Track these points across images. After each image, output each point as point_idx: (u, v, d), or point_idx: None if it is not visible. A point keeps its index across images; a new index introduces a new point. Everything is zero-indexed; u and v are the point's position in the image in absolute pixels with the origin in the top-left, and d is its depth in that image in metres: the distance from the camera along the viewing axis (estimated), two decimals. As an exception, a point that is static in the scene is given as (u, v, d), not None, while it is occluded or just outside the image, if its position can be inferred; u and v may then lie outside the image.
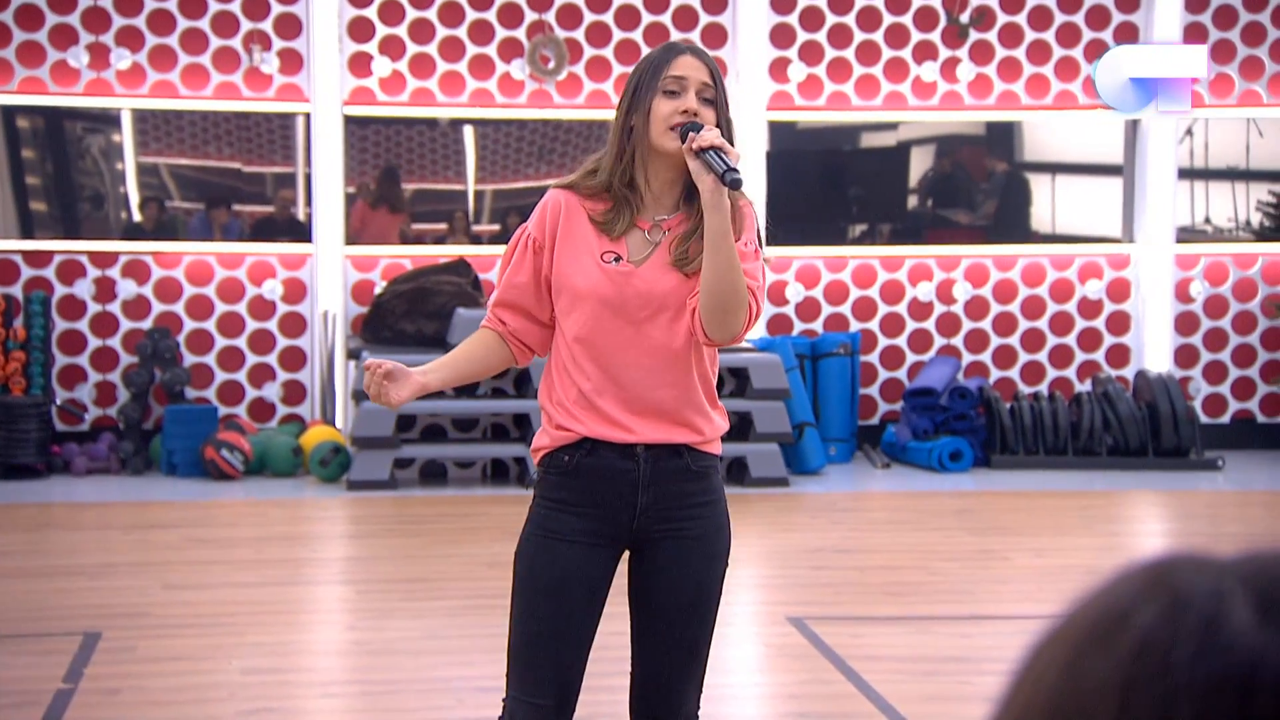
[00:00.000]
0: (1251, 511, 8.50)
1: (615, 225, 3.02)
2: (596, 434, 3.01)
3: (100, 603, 6.09)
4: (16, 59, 9.20)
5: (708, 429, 3.05)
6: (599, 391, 3.00)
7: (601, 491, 3.02)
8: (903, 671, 5.30)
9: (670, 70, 3.01)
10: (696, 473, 3.05)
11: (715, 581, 3.11)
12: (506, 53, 9.60)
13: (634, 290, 2.99)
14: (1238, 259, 10.23)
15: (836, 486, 8.84)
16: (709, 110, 2.99)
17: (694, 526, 3.05)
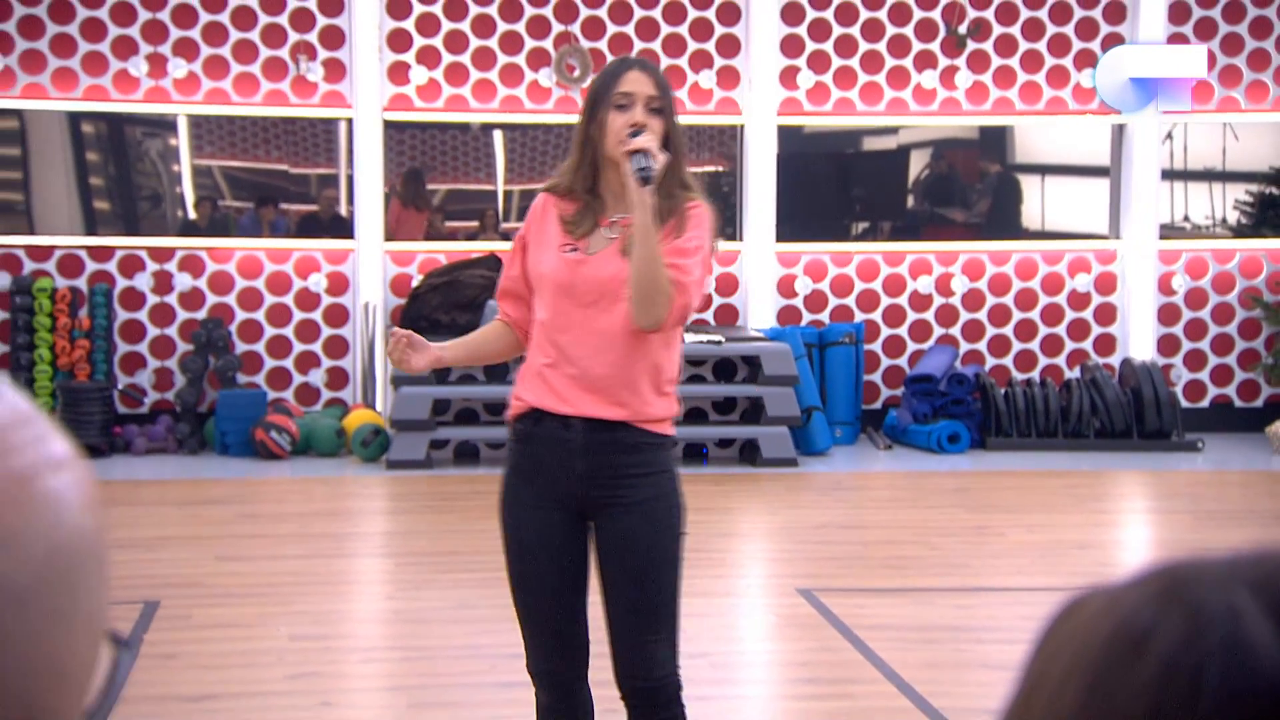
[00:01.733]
0: (1228, 490, 8.46)
1: (580, 226, 3.11)
2: (541, 404, 3.09)
3: (158, 573, 6.11)
4: (81, 68, 9.20)
5: (646, 410, 3.07)
6: (552, 367, 3.09)
7: (544, 458, 3.10)
8: (904, 640, 5.27)
9: (619, 86, 3.08)
10: (632, 446, 3.07)
11: (662, 547, 3.09)
12: (534, 62, 9.58)
13: (583, 276, 3.07)
14: (1217, 254, 10.20)
15: (842, 467, 8.81)
16: (656, 119, 3.07)
17: (632, 494, 3.06)
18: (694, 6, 9.67)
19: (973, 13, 9.87)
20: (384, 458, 8.59)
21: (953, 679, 4.86)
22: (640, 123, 3.04)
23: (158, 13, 9.24)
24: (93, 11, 9.19)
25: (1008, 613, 5.72)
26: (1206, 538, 7.12)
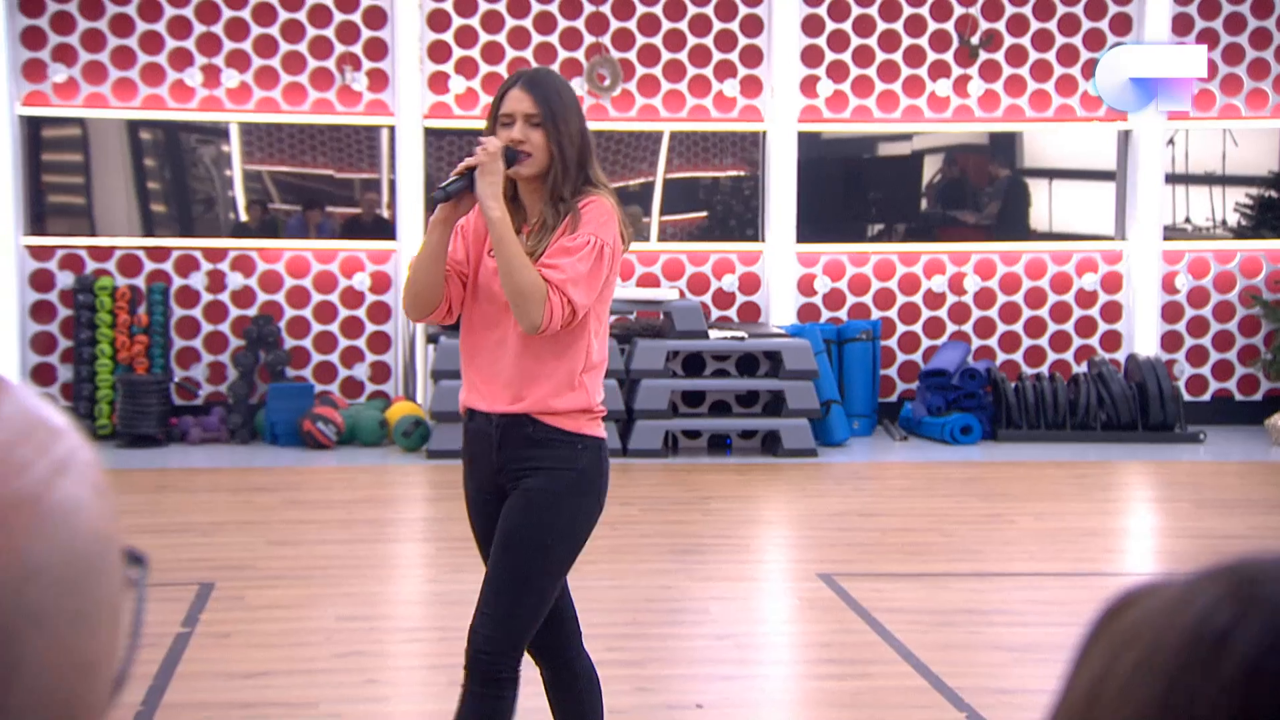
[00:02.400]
0: (1228, 480, 8.40)
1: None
2: (470, 403, 3.14)
3: (212, 556, 6.13)
4: (140, 79, 9.24)
5: (553, 403, 3.07)
6: (474, 367, 3.13)
7: (476, 451, 3.14)
8: (920, 622, 5.25)
9: (502, 108, 3.11)
10: (538, 440, 3.07)
11: (530, 533, 3.05)
12: (567, 72, 9.56)
13: (496, 281, 3.07)
14: (1218, 254, 10.14)
15: (859, 457, 8.79)
16: (536, 132, 3.07)
17: (530, 482, 3.06)
18: (719, 18, 9.66)
19: (985, 24, 9.83)
20: (424, 448, 8.59)
21: (967, 660, 4.85)
22: (517, 139, 3.04)
23: (212, 26, 9.27)
24: (151, 25, 9.23)
25: (1019, 596, 5.70)
26: (1207, 525, 7.09)
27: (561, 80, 3.23)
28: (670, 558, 6.20)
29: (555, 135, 3.08)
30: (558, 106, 3.11)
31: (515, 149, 3.06)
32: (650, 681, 4.59)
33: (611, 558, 6.15)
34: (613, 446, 8.47)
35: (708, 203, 9.93)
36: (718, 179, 9.92)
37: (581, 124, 3.16)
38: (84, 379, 9.07)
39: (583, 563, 6.07)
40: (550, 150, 3.08)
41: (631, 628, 5.15)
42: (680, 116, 9.66)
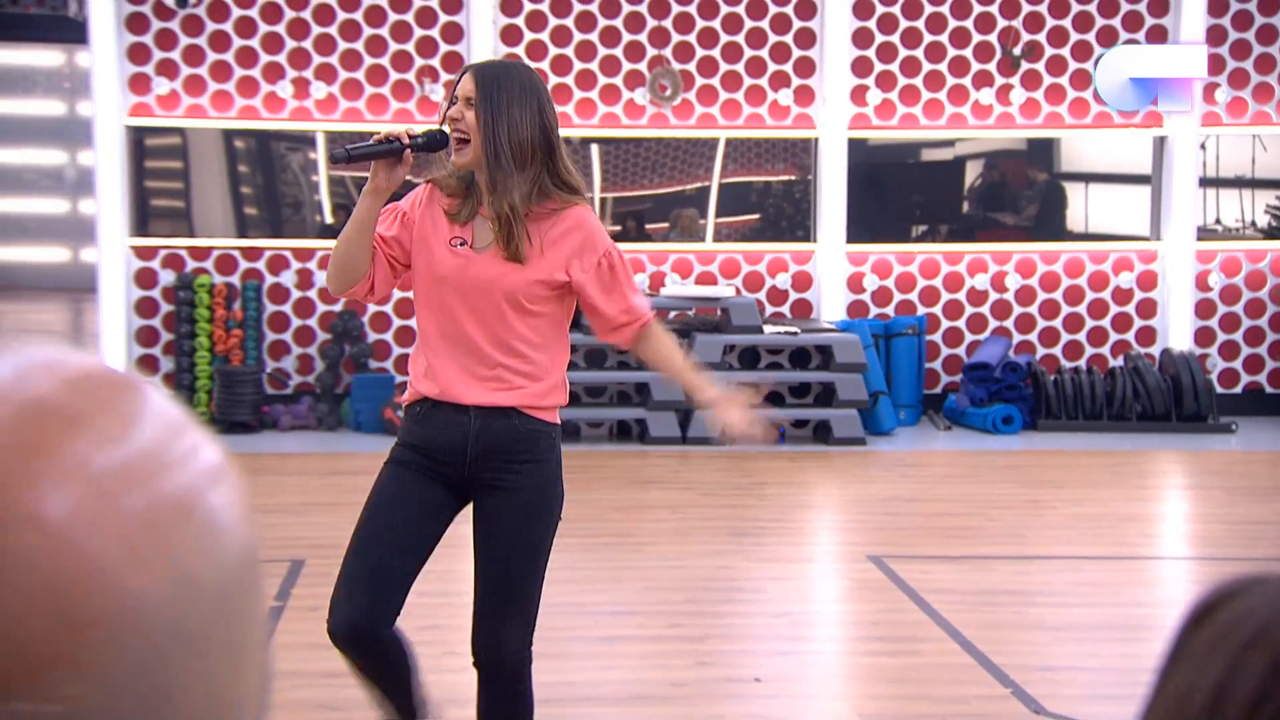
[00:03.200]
0: (1259, 469, 8.26)
1: (461, 214, 2.98)
2: (434, 395, 2.95)
3: (302, 535, 6.15)
4: (236, 91, 9.29)
5: (534, 397, 2.95)
6: (438, 356, 2.95)
7: (440, 439, 2.95)
8: (966, 602, 5.19)
9: (455, 91, 2.99)
10: (524, 434, 2.94)
11: (532, 532, 2.97)
12: (631, 82, 9.55)
13: (472, 273, 2.93)
14: (1249, 254, 9.99)
15: (905, 446, 8.71)
16: (470, 111, 2.92)
17: (516, 480, 2.94)
18: (774, 32, 9.59)
19: (1026, 36, 9.72)
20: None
21: (1011, 638, 4.78)
22: (456, 115, 2.93)
23: (302, 41, 9.31)
24: (246, 41, 9.29)
25: (1060, 578, 5.63)
26: (1239, 512, 6.97)
27: (521, 70, 3.01)
28: (728, 539, 6.17)
29: (488, 121, 2.88)
30: (497, 92, 2.91)
31: (439, 132, 2.94)
32: (710, 656, 4.56)
33: (673, 539, 6.13)
34: (671, 434, 8.51)
35: (760, 205, 9.86)
36: (769, 183, 9.85)
37: (539, 117, 2.93)
38: (184, 370, 9.15)
39: (646, 544, 6.09)
40: (486, 137, 2.90)
41: (692, 605, 5.12)
42: (737, 124, 9.60)
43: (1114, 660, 4.62)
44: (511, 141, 2.89)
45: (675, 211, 9.71)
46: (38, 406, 0.48)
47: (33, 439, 0.47)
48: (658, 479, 7.57)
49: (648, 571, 5.59)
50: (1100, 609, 5.21)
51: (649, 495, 7.12)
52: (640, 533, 6.26)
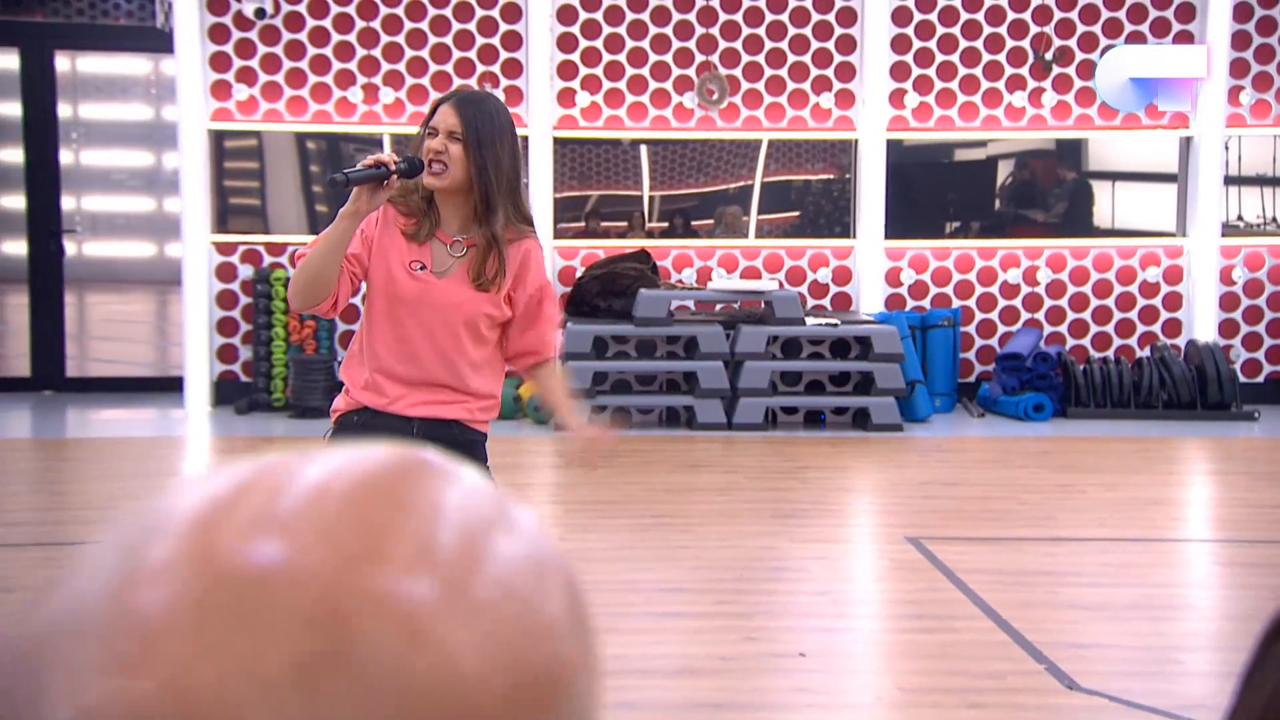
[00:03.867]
0: (1278, 452, 8.14)
1: (419, 234, 2.91)
2: (379, 406, 2.89)
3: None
4: (310, 96, 9.33)
5: (475, 410, 2.92)
6: (386, 371, 2.88)
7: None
8: (1001, 582, 5.13)
9: (431, 120, 2.91)
10: (462, 443, 2.90)
11: None
12: (680, 87, 9.50)
13: (433, 298, 2.87)
14: (1272, 249, 9.83)
15: (941, 432, 8.63)
16: (456, 145, 2.87)
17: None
18: (816, 38, 9.51)
19: (1058, 41, 9.60)
20: (553, 421, 8.59)
21: (1044, 617, 4.72)
22: (438, 149, 2.87)
23: (371, 50, 9.33)
24: (319, 49, 9.31)
25: (1090, 560, 5.55)
26: (1262, 497, 6.86)
27: (497, 106, 2.96)
28: (772, 521, 6.13)
29: (478, 156, 2.86)
30: (485, 130, 2.88)
31: (418, 159, 2.87)
32: (757, 632, 4.52)
33: (720, 521, 6.10)
34: (717, 420, 8.47)
35: (800, 203, 9.78)
36: (809, 181, 9.78)
37: (513, 154, 2.91)
38: (261, 358, 9.20)
39: (695, 524, 6.05)
40: (469, 168, 2.86)
41: (739, 584, 5.09)
42: (780, 126, 9.54)
43: (1143, 638, 4.55)
44: (497, 175, 2.88)
45: (720, 209, 9.66)
46: (371, 486, 0.43)
47: (375, 519, 0.42)
48: (705, 463, 7.54)
49: (697, 551, 5.56)
50: (1129, 589, 5.13)
51: (697, 478, 7.09)
52: (689, 514, 6.23)
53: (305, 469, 0.43)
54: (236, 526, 0.40)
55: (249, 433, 8.45)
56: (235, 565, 0.39)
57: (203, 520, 0.40)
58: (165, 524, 0.41)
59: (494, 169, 2.86)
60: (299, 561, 0.39)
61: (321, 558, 0.40)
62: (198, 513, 0.41)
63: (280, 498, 0.41)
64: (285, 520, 0.40)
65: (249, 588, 0.39)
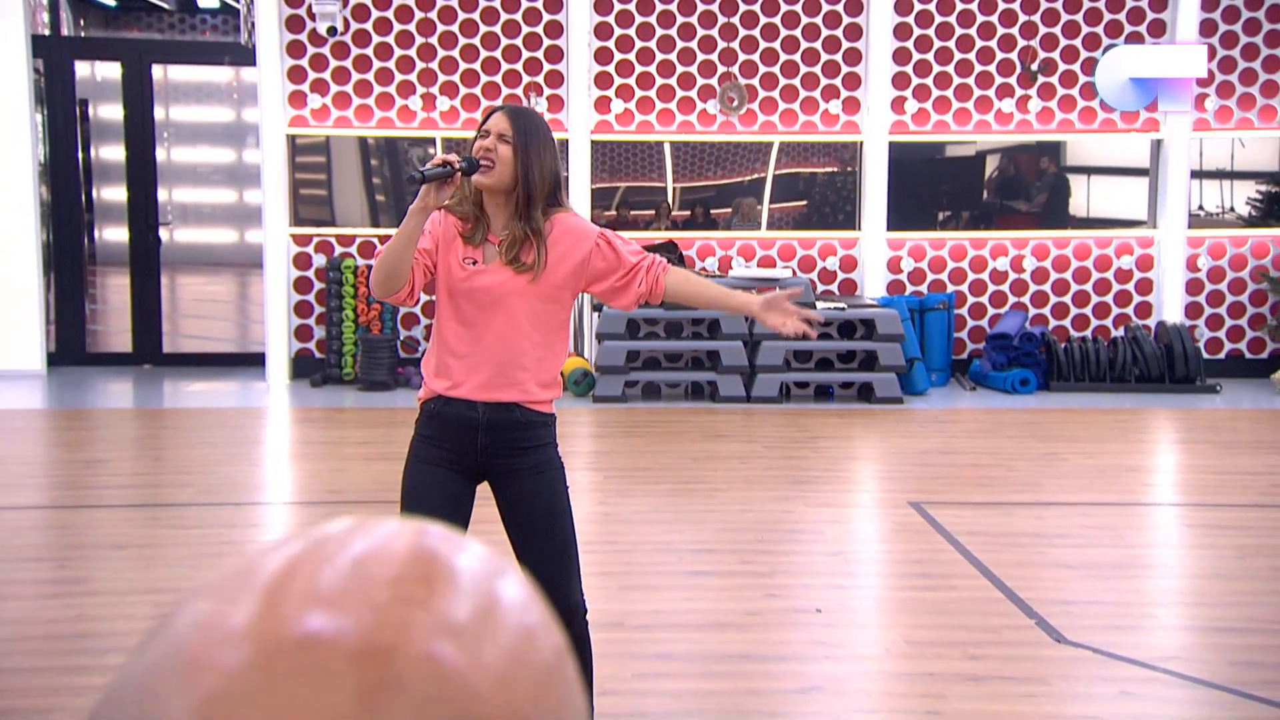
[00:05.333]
0: (1240, 424, 8.05)
1: (474, 237, 2.87)
2: (447, 391, 2.85)
3: (432, 480, 6.15)
4: (375, 105, 9.29)
5: (535, 392, 2.86)
6: (453, 358, 2.85)
7: (453, 431, 2.85)
8: (995, 543, 5.08)
9: (484, 124, 2.87)
10: (524, 424, 2.84)
11: (560, 503, 2.88)
12: (704, 95, 9.41)
13: (479, 284, 2.83)
14: (1233, 240, 9.70)
15: (937, 404, 8.56)
16: (505, 148, 2.83)
17: (526, 461, 2.85)
18: (825, 51, 9.40)
19: (1043, 54, 9.46)
20: (591, 394, 8.57)
21: (1033, 575, 4.67)
22: (489, 146, 2.82)
23: (429, 63, 9.28)
24: (384, 63, 9.27)
25: (1075, 522, 5.49)
26: (1225, 463, 6.78)
27: (542, 120, 2.93)
28: (789, 487, 6.08)
29: (524, 158, 2.82)
30: (532, 138, 2.84)
31: (475, 159, 2.82)
32: (777, 589, 4.49)
33: (741, 487, 6.06)
34: (737, 394, 8.42)
35: (807, 193, 9.69)
36: (815, 173, 9.68)
37: (555, 163, 2.88)
38: (333, 337, 9.20)
39: (719, 490, 6.02)
40: (515, 169, 2.82)
41: (760, 545, 5.06)
42: (794, 130, 9.44)
43: (1123, 595, 4.50)
44: (541, 178, 2.85)
45: (736, 199, 9.59)
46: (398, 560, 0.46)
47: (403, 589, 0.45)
48: (727, 433, 7.49)
49: (722, 515, 5.53)
50: (1108, 549, 5.08)
51: (720, 447, 7.06)
52: (714, 480, 6.19)
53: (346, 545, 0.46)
54: (293, 599, 0.43)
55: (323, 404, 8.46)
56: (293, 632, 0.42)
57: (267, 593, 0.44)
58: (237, 594, 0.44)
59: (537, 171, 2.83)
60: (344, 627, 0.42)
61: (362, 622, 0.43)
62: (263, 586, 0.44)
63: (326, 572, 0.45)
64: (331, 593, 0.44)
65: (305, 650, 0.42)
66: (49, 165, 9.76)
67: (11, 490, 5.91)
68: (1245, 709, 3.53)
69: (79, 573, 4.64)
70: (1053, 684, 3.67)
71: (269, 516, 5.62)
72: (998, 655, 3.88)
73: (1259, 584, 4.63)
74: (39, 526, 5.35)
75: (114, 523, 5.34)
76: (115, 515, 5.48)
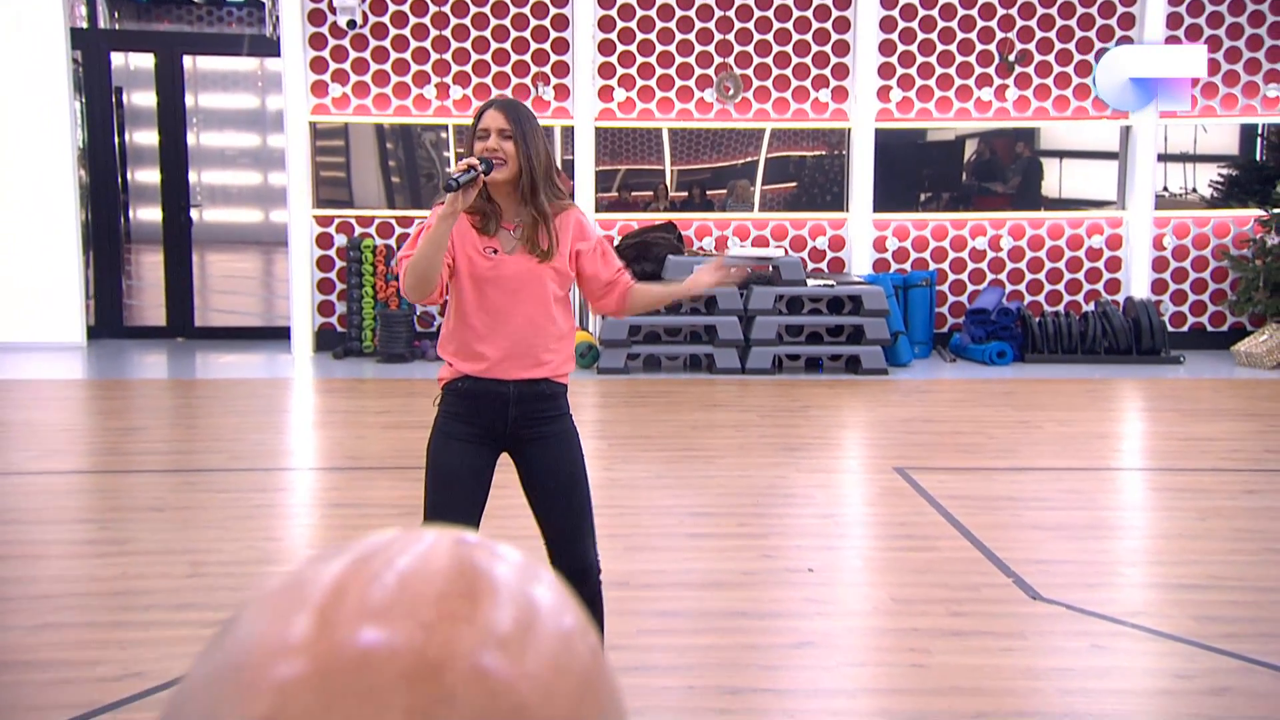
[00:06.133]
0: (1202, 393, 8.03)
1: (488, 227, 2.86)
2: (478, 373, 2.84)
3: (448, 447, 6.14)
4: (392, 94, 9.23)
5: (558, 367, 2.88)
6: (482, 342, 2.83)
7: (484, 408, 2.84)
8: (974, 506, 5.08)
9: (480, 124, 2.83)
10: (549, 395, 2.87)
11: (580, 467, 2.89)
12: (701, 84, 9.35)
13: (505, 272, 2.83)
14: (1196, 220, 9.65)
15: (920, 375, 8.55)
16: (509, 143, 2.81)
17: (549, 429, 2.86)
18: (815, 44, 9.34)
19: (1019, 45, 9.39)
20: (595, 366, 8.55)
21: (1010, 537, 4.67)
22: (493, 147, 2.80)
23: (443, 54, 9.21)
24: (400, 54, 9.20)
25: (1049, 486, 5.49)
26: (1188, 430, 6.78)
27: (529, 109, 2.93)
28: (782, 453, 6.07)
29: (525, 149, 2.82)
30: (526, 127, 2.84)
31: (490, 158, 2.80)
32: (772, 550, 4.50)
33: (738, 453, 6.06)
34: (733, 366, 8.41)
35: (797, 176, 9.65)
36: (805, 158, 9.63)
37: (545, 144, 2.88)
38: (354, 312, 9.18)
39: (716, 457, 6.01)
40: (519, 160, 2.83)
41: (756, 508, 5.06)
42: (786, 118, 9.39)
43: (1093, 555, 4.51)
44: (538, 161, 2.86)
45: (731, 181, 9.54)
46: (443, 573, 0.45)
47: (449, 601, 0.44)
48: (723, 403, 7.48)
49: (719, 480, 5.53)
50: (1079, 512, 5.08)
51: (717, 416, 7.04)
52: (712, 448, 6.19)
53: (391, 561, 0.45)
54: (345, 617, 0.43)
55: (344, 375, 8.45)
56: (347, 650, 0.42)
57: (319, 611, 0.43)
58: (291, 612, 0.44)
59: (536, 157, 2.85)
60: (395, 645, 0.42)
61: (413, 640, 0.42)
62: (316, 604, 0.44)
63: (375, 589, 0.44)
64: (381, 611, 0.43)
65: (359, 668, 0.41)
66: (87, 149, 9.70)
67: (56, 456, 5.91)
68: (1207, 660, 3.54)
69: (120, 534, 4.64)
70: (1029, 638, 3.67)
71: (295, 481, 5.62)
72: (978, 612, 3.88)
73: (1219, 543, 4.64)
74: (82, 490, 5.35)
75: (151, 487, 5.34)
76: (152, 480, 5.47)
